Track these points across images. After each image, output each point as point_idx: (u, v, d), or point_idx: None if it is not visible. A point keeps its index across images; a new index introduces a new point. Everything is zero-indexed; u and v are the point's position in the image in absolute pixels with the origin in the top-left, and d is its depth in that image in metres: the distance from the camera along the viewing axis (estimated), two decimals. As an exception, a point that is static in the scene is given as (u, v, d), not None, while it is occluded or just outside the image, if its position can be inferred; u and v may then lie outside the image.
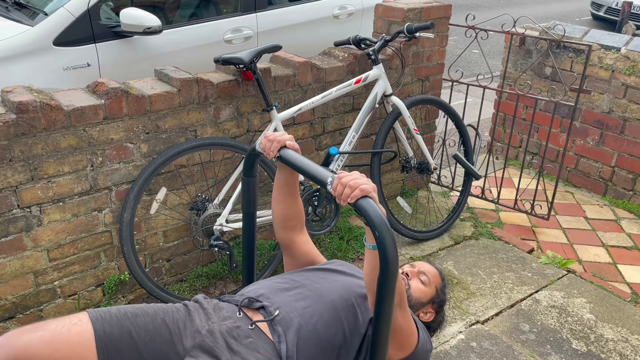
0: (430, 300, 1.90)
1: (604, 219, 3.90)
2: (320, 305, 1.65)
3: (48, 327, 1.43)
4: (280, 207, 1.86)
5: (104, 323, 1.47)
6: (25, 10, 3.64)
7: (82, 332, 1.44)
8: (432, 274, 1.93)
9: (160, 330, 1.52)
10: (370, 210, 1.31)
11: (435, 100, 3.51)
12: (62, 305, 2.61)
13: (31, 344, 1.37)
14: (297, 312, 1.63)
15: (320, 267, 1.86)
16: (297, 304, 1.65)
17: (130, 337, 1.48)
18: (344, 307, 1.66)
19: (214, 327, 1.56)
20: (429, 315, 1.92)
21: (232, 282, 3.02)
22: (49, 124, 2.28)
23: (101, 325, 1.46)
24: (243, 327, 1.58)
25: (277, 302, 1.65)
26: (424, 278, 1.89)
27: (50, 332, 1.41)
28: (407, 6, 3.48)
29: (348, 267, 1.88)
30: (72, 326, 1.44)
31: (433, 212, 3.80)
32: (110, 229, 2.63)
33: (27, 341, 1.38)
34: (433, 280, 1.92)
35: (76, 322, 1.46)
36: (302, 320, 1.61)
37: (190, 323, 1.58)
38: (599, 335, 2.75)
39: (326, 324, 1.62)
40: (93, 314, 1.49)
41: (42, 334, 1.40)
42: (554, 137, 4.35)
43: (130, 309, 1.55)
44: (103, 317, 1.49)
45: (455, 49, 8.08)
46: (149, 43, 3.67)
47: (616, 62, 3.92)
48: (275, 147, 1.63)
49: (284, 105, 3.00)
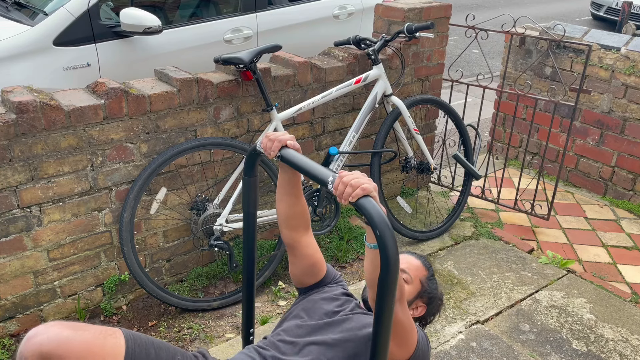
0: (417, 295, 1.87)
1: (604, 219, 3.90)
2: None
3: (89, 329, 1.47)
4: (283, 206, 1.87)
5: (134, 344, 1.52)
6: (25, 10, 3.64)
7: (116, 345, 1.48)
8: (413, 268, 1.88)
9: None
10: (371, 209, 1.31)
11: (435, 100, 3.51)
12: (62, 305, 2.61)
13: (71, 341, 1.40)
14: None
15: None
16: None
17: None
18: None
19: None
20: (420, 309, 1.89)
21: (232, 282, 3.02)
22: (49, 124, 2.28)
23: (132, 345, 1.51)
24: None
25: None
26: (405, 277, 1.85)
27: (91, 335, 1.45)
28: (407, 6, 3.49)
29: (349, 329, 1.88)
30: (108, 336, 1.48)
31: (433, 212, 3.80)
32: (110, 229, 2.63)
33: (68, 336, 1.41)
34: (415, 275, 1.87)
35: (112, 334, 1.50)
36: None
37: None
38: (599, 335, 2.75)
39: None
40: (127, 333, 1.54)
41: (82, 334, 1.44)
42: (554, 137, 4.36)
43: (156, 340, 1.61)
44: (134, 338, 1.54)
45: (455, 49, 8.08)
46: (149, 43, 3.67)
47: (616, 62, 3.92)
48: (277, 146, 1.63)
49: (284, 105, 3.00)
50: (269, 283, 3.04)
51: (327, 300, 1.87)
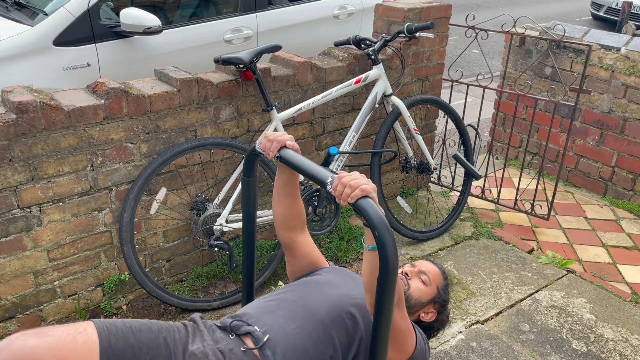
0: (431, 300, 1.89)
1: (604, 219, 3.90)
2: (309, 324, 1.64)
3: (54, 333, 1.40)
4: (280, 207, 1.86)
5: (109, 335, 1.46)
6: (25, 10, 3.64)
7: (88, 342, 1.42)
8: (433, 273, 1.92)
9: (161, 348, 1.52)
10: (370, 210, 1.31)
11: (435, 100, 3.51)
12: (62, 305, 2.61)
13: (36, 350, 1.35)
14: (286, 334, 1.62)
15: (310, 280, 1.85)
16: (286, 324, 1.64)
17: (133, 352, 1.47)
18: (335, 323, 1.66)
19: (208, 348, 1.56)
20: (431, 315, 1.91)
21: (232, 282, 3.02)
22: (49, 124, 2.28)
23: (106, 337, 1.45)
24: (235, 350, 1.58)
25: (265, 323, 1.65)
26: (424, 277, 1.88)
27: (56, 339, 1.39)
28: (407, 6, 3.48)
29: (340, 274, 1.87)
30: (77, 335, 1.42)
31: (433, 212, 3.79)
32: (110, 229, 2.63)
33: (32, 346, 1.35)
34: (434, 280, 1.90)
35: (82, 330, 1.44)
36: (291, 342, 1.60)
37: (188, 345, 1.58)
38: (599, 335, 2.75)
39: (315, 343, 1.62)
40: (99, 325, 1.48)
41: (48, 340, 1.38)
42: (554, 137, 4.35)
43: (135, 323, 1.54)
44: (109, 328, 1.48)
45: (455, 49, 8.08)
46: (149, 43, 3.67)
47: (616, 62, 3.92)
48: (275, 147, 1.63)
49: (284, 105, 2.99)
50: (269, 283, 3.04)
51: None
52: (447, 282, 1.96)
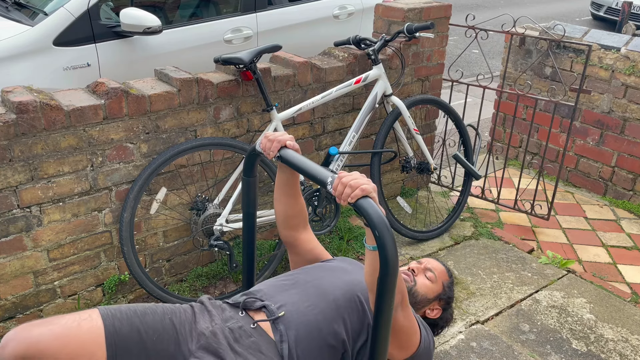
0: (436, 296, 1.91)
1: (604, 219, 3.90)
2: (323, 303, 1.65)
3: (59, 321, 1.43)
4: (282, 207, 1.87)
5: (114, 320, 1.48)
6: (25, 10, 3.64)
7: (93, 327, 1.44)
8: (438, 270, 1.94)
9: (167, 330, 1.53)
10: (370, 210, 1.31)
11: (435, 100, 3.51)
12: (62, 305, 2.61)
13: (42, 338, 1.38)
14: (300, 311, 1.63)
15: (324, 265, 1.86)
16: (300, 302, 1.65)
17: (139, 335, 1.48)
18: (348, 304, 1.66)
19: (217, 328, 1.56)
20: (436, 312, 1.92)
21: (232, 282, 3.02)
22: (49, 124, 2.28)
23: (111, 322, 1.47)
24: (245, 327, 1.58)
25: (279, 300, 1.66)
26: (430, 274, 1.90)
27: (61, 327, 1.41)
28: (407, 6, 3.48)
29: (352, 264, 1.88)
30: (82, 321, 1.45)
31: (433, 212, 3.79)
32: (110, 229, 2.63)
33: (38, 335, 1.38)
34: (439, 277, 1.93)
35: (86, 317, 1.46)
36: (304, 319, 1.61)
37: (196, 325, 1.58)
38: (599, 335, 2.75)
39: (328, 322, 1.62)
40: (104, 311, 1.50)
41: (52, 328, 1.40)
42: (554, 137, 4.35)
43: (140, 307, 1.56)
44: (113, 314, 1.49)
45: (455, 49, 8.08)
46: (149, 43, 3.67)
47: (616, 62, 3.92)
48: (276, 147, 1.63)
49: (284, 105, 2.99)
50: (268, 283, 3.04)
51: None
52: (453, 279, 1.98)
